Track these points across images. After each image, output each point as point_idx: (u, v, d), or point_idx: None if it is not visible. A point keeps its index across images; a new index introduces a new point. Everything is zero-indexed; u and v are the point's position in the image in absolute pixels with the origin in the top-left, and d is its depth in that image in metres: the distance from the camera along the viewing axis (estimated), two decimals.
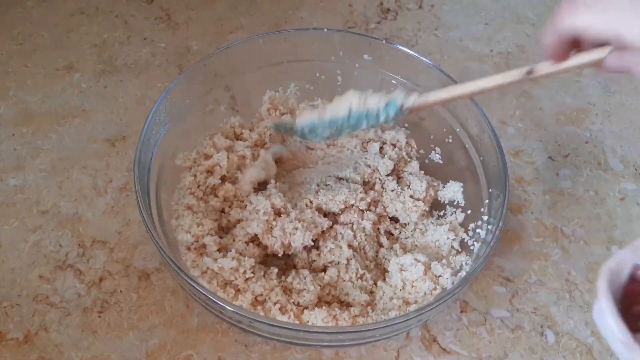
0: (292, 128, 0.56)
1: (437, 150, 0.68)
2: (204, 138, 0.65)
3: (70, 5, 0.87)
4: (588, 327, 0.60)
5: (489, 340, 0.58)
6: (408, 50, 0.67)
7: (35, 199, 0.65)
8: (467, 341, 0.58)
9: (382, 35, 0.87)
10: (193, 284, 0.48)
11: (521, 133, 0.77)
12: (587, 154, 0.75)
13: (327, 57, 0.69)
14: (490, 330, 0.59)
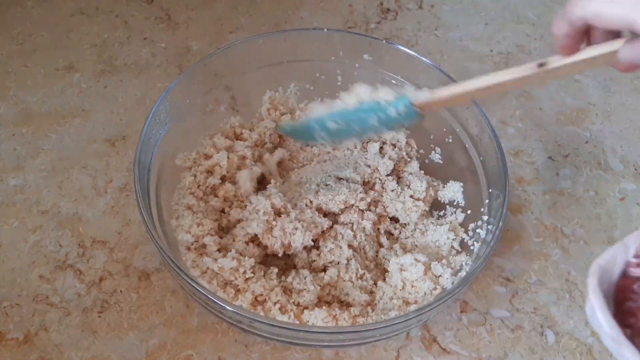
0: (306, 133, 0.55)
1: (437, 150, 0.68)
2: (204, 138, 0.65)
3: (70, 5, 0.87)
4: (588, 327, 0.60)
5: (489, 340, 0.58)
6: (408, 50, 0.67)
7: (35, 199, 0.65)
8: (467, 341, 0.58)
9: (382, 35, 0.87)
10: (193, 284, 0.48)
11: (521, 133, 0.77)
12: (587, 154, 0.75)
13: (327, 57, 0.69)
14: (490, 330, 0.59)
